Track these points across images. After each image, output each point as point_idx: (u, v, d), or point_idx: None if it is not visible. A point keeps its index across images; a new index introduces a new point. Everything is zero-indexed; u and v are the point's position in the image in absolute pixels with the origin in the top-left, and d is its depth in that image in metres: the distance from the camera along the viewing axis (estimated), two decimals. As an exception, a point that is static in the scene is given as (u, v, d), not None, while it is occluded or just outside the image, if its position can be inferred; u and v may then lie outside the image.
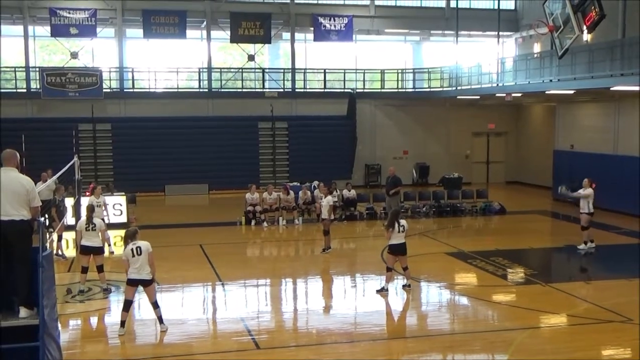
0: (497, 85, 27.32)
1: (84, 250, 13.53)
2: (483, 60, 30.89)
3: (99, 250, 13.59)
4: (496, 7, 30.28)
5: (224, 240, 19.78)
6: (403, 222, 13.60)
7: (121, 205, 21.57)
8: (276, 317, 12.53)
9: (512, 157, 34.84)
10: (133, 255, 11.00)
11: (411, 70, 34.85)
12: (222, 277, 15.01)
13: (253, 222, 21.87)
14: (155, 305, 11.26)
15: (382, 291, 13.55)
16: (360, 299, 13.97)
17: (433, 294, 14.35)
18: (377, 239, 19.21)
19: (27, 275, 7.93)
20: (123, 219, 21.19)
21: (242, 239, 20.59)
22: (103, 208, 17.61)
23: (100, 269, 13.64)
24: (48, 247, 8.36)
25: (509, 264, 16.19)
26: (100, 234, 13.48)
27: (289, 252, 19.16)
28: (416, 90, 34.07)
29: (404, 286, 13.88)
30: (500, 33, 31.00)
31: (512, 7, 34.86)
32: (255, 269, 16.53)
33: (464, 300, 13.70)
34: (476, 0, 34.62)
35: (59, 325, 9.04)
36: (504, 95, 25.98)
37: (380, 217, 22.79)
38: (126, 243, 11.13)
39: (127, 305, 11.23)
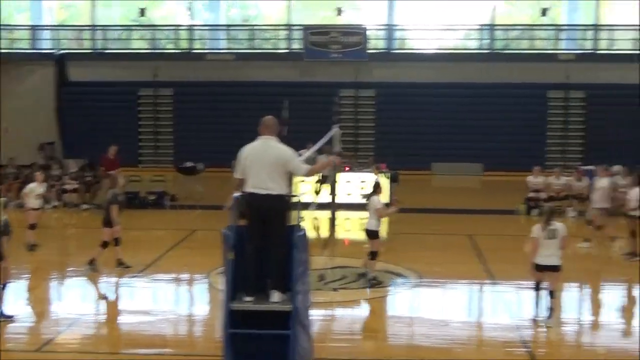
0: None
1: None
2: None
3: (372, 235, 14.06)
4: None
5: (498, 231, 19.65)
6: None
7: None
8: (557, 328, 12.17)
9: None
10: (548, 238, 11.52)
11: None
12: (494, 274, 14.95)
13: (536, 212, 21.40)
14: (553, 295, 11.74)
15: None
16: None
17: None
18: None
19: (282, 256, 8.55)
20: (384, 200, 21.86)
21: (521, 231, 20.10)
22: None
23: (373, 255, 13.99)
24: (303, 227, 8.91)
25: None
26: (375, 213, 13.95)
27: (575, 250, 18.44)
28: None
29: None
30: None
31: None
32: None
33: None
34: None
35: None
36: None
37: None
38: (546, 222, 11.55)
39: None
